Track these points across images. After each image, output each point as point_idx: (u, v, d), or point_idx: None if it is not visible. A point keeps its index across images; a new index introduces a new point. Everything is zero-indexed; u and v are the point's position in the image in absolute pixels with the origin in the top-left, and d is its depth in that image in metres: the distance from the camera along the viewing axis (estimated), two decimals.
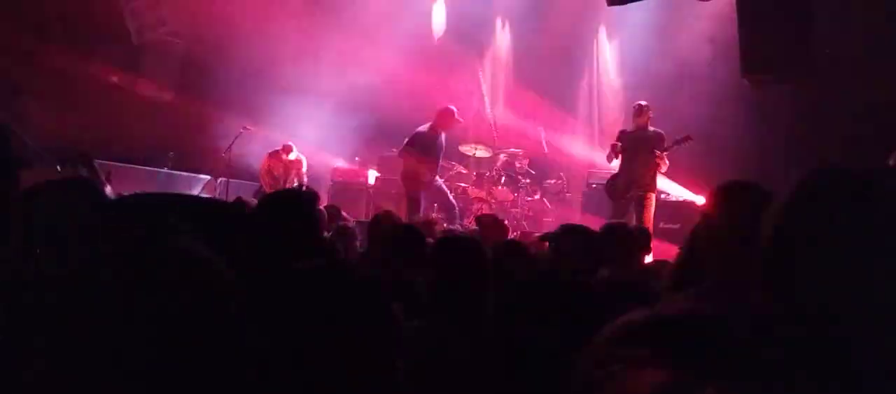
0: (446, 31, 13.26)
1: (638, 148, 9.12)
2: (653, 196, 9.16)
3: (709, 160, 10.20)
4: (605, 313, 1.37)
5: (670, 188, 10.87)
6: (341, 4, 13.24)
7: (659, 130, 9.36)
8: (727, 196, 2.20)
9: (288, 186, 11.25)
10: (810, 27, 7.28)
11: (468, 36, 13.56)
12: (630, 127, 9.49)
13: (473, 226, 8.70)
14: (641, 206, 9.03)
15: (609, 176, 9.69)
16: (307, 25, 13.24)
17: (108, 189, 2.81)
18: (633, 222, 8.56)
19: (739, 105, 10.96)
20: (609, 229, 4.47)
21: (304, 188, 10.26)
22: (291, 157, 11.77)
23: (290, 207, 2.81)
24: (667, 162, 9.03)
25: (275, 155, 11.77)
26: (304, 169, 11.91)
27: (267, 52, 12.59)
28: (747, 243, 1.45)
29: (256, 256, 1.36)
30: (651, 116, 9.36)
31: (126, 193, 4.54)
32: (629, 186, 9.16)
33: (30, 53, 11.10)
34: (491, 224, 5.66)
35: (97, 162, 10.77)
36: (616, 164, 9.37)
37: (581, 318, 1.97)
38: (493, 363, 2.67)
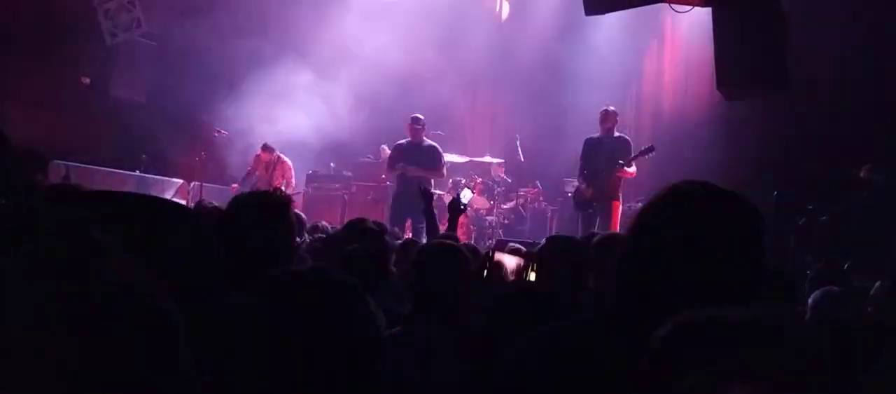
0: (425, 39, 13.16)
1: (603, 157, 9.15)
2: (617, 205, 9.19)
3: (676, 171, 10.22)
4: None
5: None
6: (314, 9, 13.16)
7: (624, 135, 9.43)
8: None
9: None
10: (786, 40, 7.30)
11: (447, 43, 13.49)
12: (595, 133, 9.52)
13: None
14: (607, 215, 9.08)
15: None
16: (283, 29, 13.15)
17: None
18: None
19: (709, 116, 11.01)
20: (602, 242, 4.35)
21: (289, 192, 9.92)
22: (274, 157, 11.47)
23: (263, 210, 2.72)
24: (633, 168, 9.09)
25: (256, 158, 11.53)
26: (292, 174, 11.59)
27: (242, 54, 12.46)
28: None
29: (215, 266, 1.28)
30: (617, 120, 9.41)
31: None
32: (595, 196, 9.19)
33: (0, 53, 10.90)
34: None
35: (63, 163, 10.62)
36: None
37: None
38: (472, 372, 2.64)
